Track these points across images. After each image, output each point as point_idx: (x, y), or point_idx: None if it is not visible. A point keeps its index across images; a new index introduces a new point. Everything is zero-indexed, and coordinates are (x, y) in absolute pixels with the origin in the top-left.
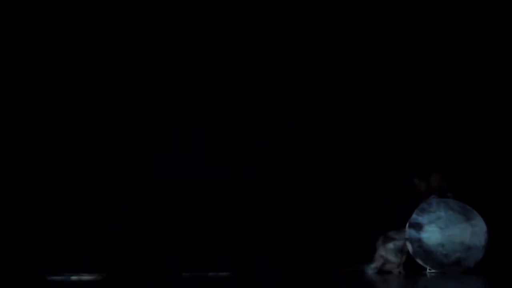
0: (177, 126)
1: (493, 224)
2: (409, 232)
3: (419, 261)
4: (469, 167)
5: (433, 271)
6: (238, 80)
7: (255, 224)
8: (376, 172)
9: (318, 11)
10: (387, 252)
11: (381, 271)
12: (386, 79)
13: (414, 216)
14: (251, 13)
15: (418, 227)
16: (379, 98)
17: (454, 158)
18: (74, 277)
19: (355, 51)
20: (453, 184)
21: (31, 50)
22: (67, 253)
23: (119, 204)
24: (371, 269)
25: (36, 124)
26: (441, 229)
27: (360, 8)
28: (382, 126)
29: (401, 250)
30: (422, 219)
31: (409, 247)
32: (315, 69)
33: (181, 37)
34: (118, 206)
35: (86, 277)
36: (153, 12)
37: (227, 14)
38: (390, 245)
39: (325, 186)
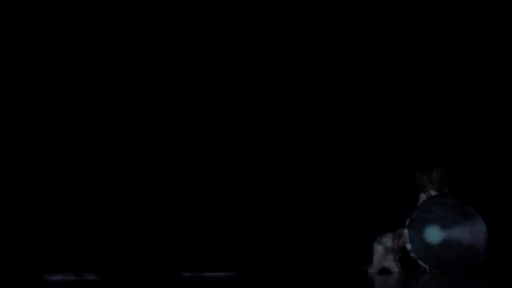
0: (175, 129)
1: (493, 224)
2: (409, 232)
3: (419, 261)
4: (469, 167)
5: (433, 271)
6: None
7: (255, 225)
8: (375, 171)
9: (320, 9)
10: (384, 251)
11: (381, 271)
12: (387, 76)
13: (413, 216)
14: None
15: (418, 227)
16: (380, 98)
17: (454, 158)
18: (73, 277)
19: (356, 46)
20: (454, 184)
21: (31, 50)
22: (66, 252)
23: (118, 203)
24: (371, 269)
25: (34, 124)
26: (441, 229)
27: (363, 4)
28: (383, 126)
29: (398, 248)
30: (421, 218)
31: (409, 247)
32: (313, 65)
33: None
34: (117, 206)
35: (85, 277)
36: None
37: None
38: (388, 244)
39: (324, 185)
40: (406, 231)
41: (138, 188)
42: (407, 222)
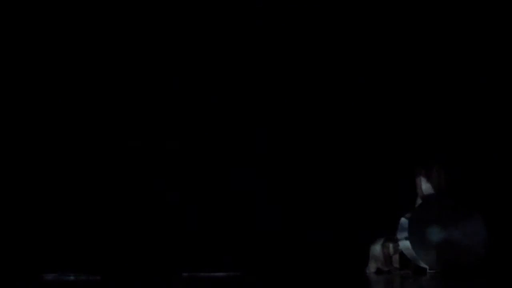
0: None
1: (493, 224)
2: (409, 232)
3: (419, 261)
4: (469, 167)
5: (433, 271)
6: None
7: (255, 225)
8: (375, 172)
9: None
10: (382, 251)
11: (378, 271)
12: (387, 77)
13: (413, 216)
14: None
15: (418, 227)
16: (380, 98)
17: (454, 157)
18: (72, 277)
19: (356, 45)
20: (454, 184)
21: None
22: (66, 253)
23: (118, 203)
24: (368, 270)
25: (35, 125)
26: (441, 229)
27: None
28: (382, 126)
29: (396, 248)
30: (421, 219)
31: (409, 247)
32: (312, 65)
33: None
34: (117, 206)
35: (85, 277)
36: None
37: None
38: (385, 244)
39: (323, 186)
40: (406, 230)
41: (137, 188)
42: (407, 222)
